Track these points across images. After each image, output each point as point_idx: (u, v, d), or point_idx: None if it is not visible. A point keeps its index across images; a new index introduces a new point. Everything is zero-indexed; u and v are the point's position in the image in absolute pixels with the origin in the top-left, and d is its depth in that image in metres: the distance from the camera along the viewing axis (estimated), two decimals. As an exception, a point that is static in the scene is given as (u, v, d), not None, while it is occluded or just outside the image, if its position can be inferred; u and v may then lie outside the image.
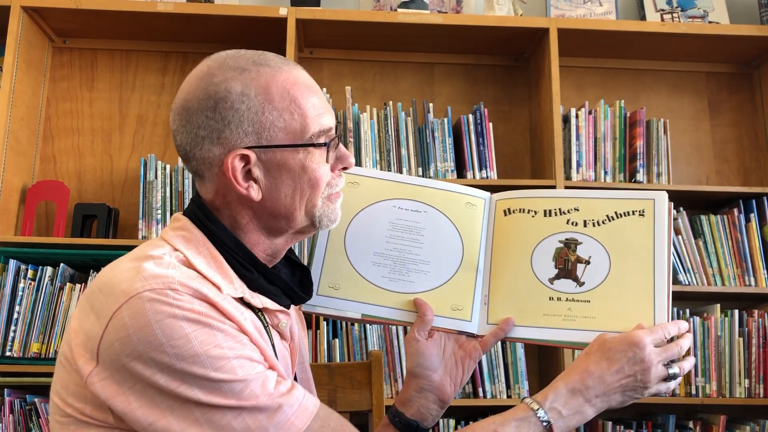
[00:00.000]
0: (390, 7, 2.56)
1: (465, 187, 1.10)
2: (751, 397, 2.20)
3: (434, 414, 1.01)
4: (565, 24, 2.37)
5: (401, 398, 1.01)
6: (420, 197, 1.09)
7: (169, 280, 0.82)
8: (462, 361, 1.01)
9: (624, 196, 1.05)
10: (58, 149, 2.46)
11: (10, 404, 2.02)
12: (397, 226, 1.07)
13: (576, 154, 2.34)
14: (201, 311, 0.81)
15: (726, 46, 2.50)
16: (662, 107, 2.62)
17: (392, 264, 1.05)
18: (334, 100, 2.44)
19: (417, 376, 1.00)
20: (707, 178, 2.59)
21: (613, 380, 0.90)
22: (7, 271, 2.09)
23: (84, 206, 2.28)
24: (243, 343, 0.84)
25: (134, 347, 0.79)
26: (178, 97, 0.93)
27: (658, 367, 0.91)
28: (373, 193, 1.09)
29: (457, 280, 1.04)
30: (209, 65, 0.92)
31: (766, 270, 2.28)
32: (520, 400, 0.93)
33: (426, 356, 0.99)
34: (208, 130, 0.89)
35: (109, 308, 0.81)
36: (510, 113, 2.59)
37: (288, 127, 0.90)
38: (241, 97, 0.88)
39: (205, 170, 0.91)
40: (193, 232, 0.91)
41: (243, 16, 2.30)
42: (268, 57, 0.94)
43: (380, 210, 1.08)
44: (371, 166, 2.28)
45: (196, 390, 0.80)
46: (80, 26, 2.42)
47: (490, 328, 1.02)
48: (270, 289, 0.93)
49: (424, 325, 1.00)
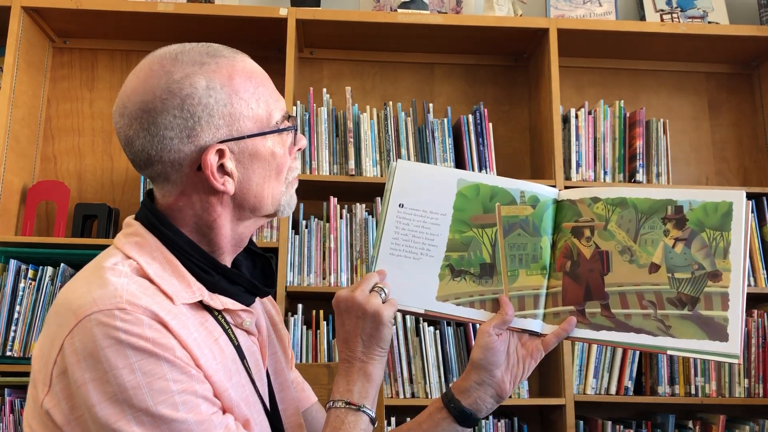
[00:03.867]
0: (390, 7, 2.56)
1: (533, 184, 1.08)
2: (750, 396, 2.20)
3: (489, 407, 1.01)
4: (564, 24, 2.37)
5: (460, 386, 1.01)
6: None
7: (117, 300, 0.79)
8: (523, 359, 1.02)
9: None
10: (59, 149, 2.46)
11: (10, 404, 2.03)
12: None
13: (576, 154, 2.34)
14: (149, 337, 0.79)
15: (726, 46, 2.50)
16: (662, 107, 2.62)
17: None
18: (334, 100, 2.44)
19: (481, 369, 1.00)
20: (707, 178, 2.59)
21: (347, 332, 0.98)
22: (8, 271, 2.09)
23: (84, 206, 2.29)
24: (191, 375, 0.81)
25: (82, 374, 0.78)
26: (128, 100, 0.88)
27: (362, 299, 0.97)
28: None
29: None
30: (160, 63, 0.88)
31: (765, 270, 2.28)
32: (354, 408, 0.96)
33: (494, 351, 0.99)
34: (177, 130, 0.86)
35: (61, 331, 0.80)
36: (510, 113, 2.59)
37: (256, 116, 0.90)
38: (208, 91, 0.87)
39: (172, 172, 0.88)
40: (146, 238, 0.89)
41: (243, 17, 2.31)
42: (218, 48, 0.92)
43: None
44: (371, 166, 2.28)
45: (134, 426, 0.77)
46: (80, 26, 2.42)
47: (552, 327, 1.02)
48: (232, 290, 0.92)
49: (502, 323, 1.00)
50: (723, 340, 0.94)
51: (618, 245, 1.02)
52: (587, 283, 1.02)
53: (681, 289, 0.98)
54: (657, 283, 0.99)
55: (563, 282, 1.03)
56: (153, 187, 0.93)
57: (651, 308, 0.98)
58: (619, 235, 1.02)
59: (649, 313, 0.98)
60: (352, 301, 0.98)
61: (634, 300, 0.99)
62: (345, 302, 0.98)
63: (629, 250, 1.01)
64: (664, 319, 0.97)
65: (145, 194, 0.96)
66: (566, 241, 1.04)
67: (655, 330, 0.97)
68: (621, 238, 1.02)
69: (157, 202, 0.93)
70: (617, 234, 1.02)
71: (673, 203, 1.01)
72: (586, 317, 1.00)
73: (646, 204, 1.02)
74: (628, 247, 1.01)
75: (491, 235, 1.05)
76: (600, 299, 1.00)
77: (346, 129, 2.29)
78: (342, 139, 2.31)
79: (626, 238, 1.02)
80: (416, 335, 2.17)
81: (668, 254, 1.00)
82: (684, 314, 0.97)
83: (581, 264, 1.02)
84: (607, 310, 1.00)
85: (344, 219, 2.24)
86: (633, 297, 0.99)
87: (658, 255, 1.00)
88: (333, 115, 2.32)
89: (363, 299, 0.97)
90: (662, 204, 1.02)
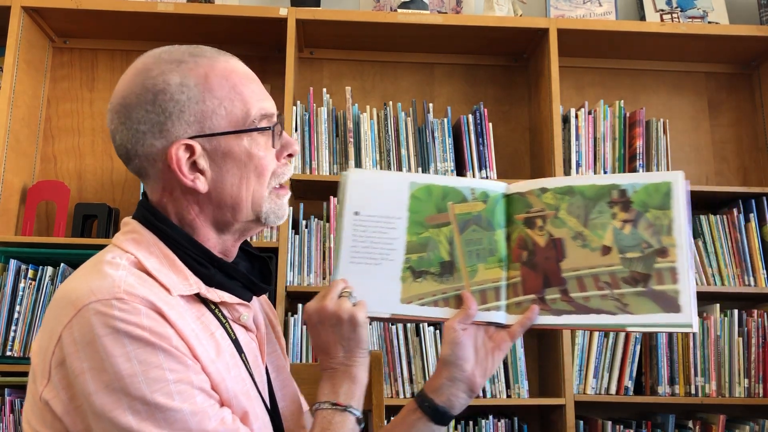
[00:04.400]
0: (390, 7, 2.56)
1: (481, 181, 1.11)
2: (750, 396, 2.20)
3: (462, 402, 1.02)
4: (564, 24, 2.37)
5: (432, 385, 1.02)
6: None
7: (115, 290, 0.80)
8: (492, 351, 1.03)
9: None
10: (59, 149, 2.46)
11: (10, 404, 2.03)
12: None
13: (576, 154, 2.34)
14: (146, 326, 0.79)
15: (726, 46, 2.50)
16: (662, 107, 2.62)
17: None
18: (334, 100, 2.44)
19: (451, 365, 1.01)
20: (707, 178, 2.59)
21: (325, 341, 0.99)
22: (8, 271, 2.09)
23: (84, 206, 2.29)
24: (187, 365, 0.81)
25: (80, 363, 0.78)
26: (114, 96, 0.91)
27: (333, 307, 0.98)
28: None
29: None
30: (144, 62, 0.91)
31: (765, 270, 2.28)
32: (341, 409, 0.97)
33: (462, 346, 1.00)
34: (149, 125, 0.88)
35: (59, 323, 0.80)
36: (510, 113, 2.59)
37: (230, 115, 0.90)
38: (181, 88, 0.88)
39: (148, 167, 0.90)
40: (143, 234, 0.90)
41: (243, 17, 2.31)
42: (204, 49, 0.93)
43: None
44: (371, 167, 2.28)
45: (129, 416, 0.77)
46: (80, 26, 2.42)
47: (516, 317, 1.03)
48: (229, 284, 0.92)
49: (466, 318, 1.01)
50: (676, 311, 0.99)
51: (570, 232, 1.05)
52: (544, 270, 1.04)
53: (633, 268, 1.02)
54: (610, 264, 1.03)
55: (521, 272, 1.05)
56: (143, 184, 0.95)
57: (607, 289, 1.02)
58: (570, 222, 1.05)
59: (606, 294, 1.01)
60: (324, 311, 0.99)
61: (591, 282, 1.02)
62: (317, 313, 0.99)
63: (581, 235, 1.05)
64: (621, 297, 1.01)
65: (142, 193, 0.96)
66: (520, 232, 1.07)
67: (614, 309, 1.01)
68: (572, 225, 1.05)
69: (150, 198, 0.94)
70: (568, 221, 1.06)
71: (617, 187, 1.05)
72: (547, 304, 1.03)
73: (592, 190, 1.06)
74: (580, 233, 1.05)
75: (447, 233, 1.07)
76: (558, 285, 1.03)
77: (346, 129, 2.29)
78: (342, 139, 2.31)
79: (577, 224, 1.05)
80: (416, 335, 2.17)
81: (618, 236, 1.04)
82: (639, 291, 1.01)
83: (537, 253, 1.05)
84: (566, 294, 1.03)
85: (344, 219, 2.24)
86: (589, 280, 1.03)
87: (608, 237, 1.04)
88: (333, 115, 2.32)
89: (334, 306, 0.98)
90: (607, 189, 1.06)
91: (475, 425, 2.17)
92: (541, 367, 2.36)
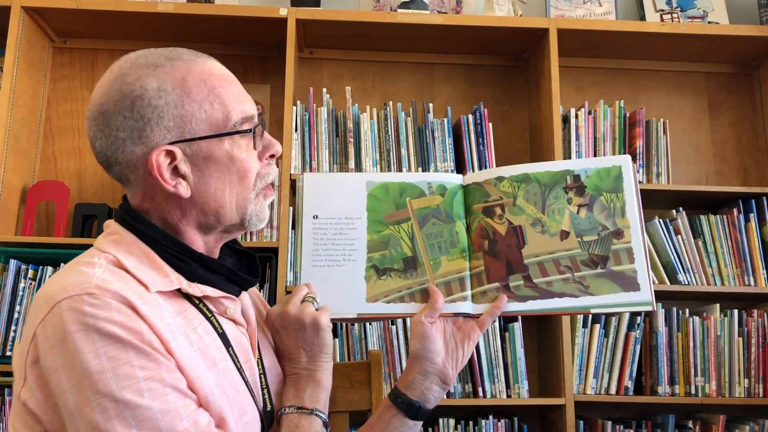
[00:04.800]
0: (390, 7, 2.56)
1: (437, 174, 1.13)
2: (750, 396, 2.20)
3: (436, 396, 1.02)
4: (564, 24, 2.37)
5: (404, 381, 1.02)
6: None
7: (86, 285, 0.79)
8: (462, 342, 1.03)
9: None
10: (59, 149, 2.46)
11: (10, 404, 2.03)
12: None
13: (576, 154, 2.34)
14: (116, 321, 0.78)
15: (726, 46, 2.50)
16: (662, 107, 2.62)
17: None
18: (334, 100, 2.44)
19: (421, 359, 1.01)
20: (707, 178, 2.59)
21: (288, 346, 1.00)
22: (8, 271, 2.09)
23: (84, 206, 2.29)
24: (159, 362, 0.80)
25: (53, 361, 0.78)
26: (91, 102, 0.91)
27: (295, 311, 0.98)
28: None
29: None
30: (120, 66, 0.90)
31: (765, 270, 2.28)
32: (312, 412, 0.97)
33: (430, 339, 1.01)
34: (128, 131, 0.87)
35: (35, 323, 0.80)
36: (510, 113, 2.59)
37: (210, 118, 0.89)
38: (159, 93, 0.87)
39: (129, 174, 0.90)
40: (123, 235, 0.90)
41: (243, 17, 2.31)
42: (180, 51, 0.92)
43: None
44: (371, 166, 2.28)
45: (97, 413, 0.76)
46: (80, 26, 2.42)
47: (482, 306, 1.04)
48: (211, 278, 0.92)
49: (433, 311, 1.02)
50: (635, 289, 1.03)
51: (529, 218, 1.08)
52: (507, 258, 1.06)
53: (591, 250, 1.05)
54: (569, 249, 1.06)
55: (484, 261, 1.07)
56: (124, 189, 0.94)
57: (568, 272, 1.05)
58: (528, 209, 1.08)
59: (567, 277, 1.05)
60: (286, 315, 0.99)
61: (552, 267, 1.05)
62: (279, 318, 0.99)
63: (539, 221, 1.07)
64: (582, 280, 1.04)
65: (122, 197, 0.96)
66: (480, 221, 1.08)
67: (576, 292, 1.04)
68: (530, 212, 1.08)
69: (131, 203, 0.94)
70: (526, 208, 1.08)
71: (571, 173, 1.09)
72: (512, 291, 1.05)
73: (547, 176, 1.09)
74: (539, 219, 1.07)
75: (408, 229, 1.09)
76: (521, 272, 1.06)
77: (346, 129, 2.29)
78: (342, 139, 2.31)
79: (535, 211, 1.08)
80: (416, 335, 2.17)
81: (575, 220, 1.07)
82: (598, 272, 1.04)
83: (498, 241, 1.07)
84: (529, 281, 1.05)
85: (344, 219, 2.24)
86: (551, 265, 1.05)
87: (566, 222, 1.07)
88: (333, 115, 2.32)
89: (297, 311, 0.98)
90: (561, 175, 1.09)
91: (475, 425, 2.17)
92: (541, 367, 2.36)
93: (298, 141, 2.28)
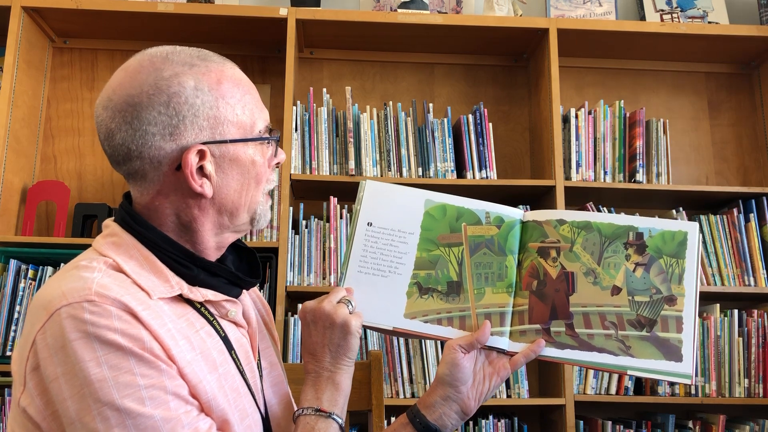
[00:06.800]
0: (390, 7, 2.56)
1: (498, 205, 1.10)
2: (750, 396, 2.20)
3: (454, 423, 1.01)
4: (564, 24, 2.37)
5: (425, 402, 1.01)
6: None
7: (86, 292, 0.79)
8: (489, 377, 1.02)
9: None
10: (59, 149, 2.46)
11: (10, 404, 2.03)
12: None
13: (576, 154, 2.34)
14: (117, 328, 0.78)
15: (725, 46, 2.50)
16: (662, 107, 2.62)
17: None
18: (334, 100, 2.44)
19: (446, 385, 1.00)
20: (707, 178, 2.59)
21: (314, 342, 0.98)
22: (8, 271, 2.09)
23: (84, 206, 2.29)
24: (160, 370, 0.79)
25: (54, 369, 0.77)
26: (113, 93, 0.88)
27: (329, 309, 0.98)
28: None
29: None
30: (151, 60, 0.89)
31: (765, 270, 2.28)
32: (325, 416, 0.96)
33: (460, 368, 0.99)
34: (160, 126, 0.86)
35: (33, 329, 0.80)
36: (510, 113, 2.59)
37: (239, 122, 0.91)
38: (196, 92, 0.87)
39: (150, 170, 0.89)
40: (123, 237, 0.89)
41: (243, 17, 2.31)
42: (208, 53, 0.93)
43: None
44: (371, 166, 2.28)
45: (98, 422, 0.76)
46: (80, 26, 2.42)
47: (518, 345, 1.03)
48: (213, 282, 0.92)
49: (471, 345, 1.01)
50: (678, 360, 1.00)
51: (583, 267, 1.06)
52: (553, 302, 1.04)
53: (640, 312, 1.03)
54: (618, 305, 1.03)
55: (530, 300, 1.05)
56: (130, 186, 0.93)
57: (612, 329, 1.03)
58: (584, 257, 1.06)
59: (610, 334, 1.02)
60: (320, 311, 0.99)
61: (597, 320, 1.03)
62: (312, 313, 0.99)
63: (593, 272, 1.05)
64: (625, 339, 1.02)
65: (123, 196, 0.96)
66: (532, 260, 1.07)
67: (616, 350, 1.02)
68: (586, 260, 1.06)
69: (135, 202, 0.93)
70: (582, 256, 1.06)
71: (635, 229, 1.06)
72: (551, 336, 1.03)
73: (610, 229, 1.07)
74: (592, 269, 1.05)
75: (458, 254, 1.08)
76: (565, 318, 1.04)
77: (346, 129, 2.29)
78: (342, 139, 2.31)
79: (590, 261, 1.06)
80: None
81: (629, 278, 1.05)
82: (643, 335, 1.02)
83: (548, 283, 1.05)
84: (571, 329, 1.03)
85: (344, 219, 2.24)
86: (596, 317, 1.03)
87: (620, 278, 1.05)
88: (333, 115, 2.32)
89: (331, 309, 0.98)
90: (624, 230, 1.07)
91: (475, 425, 2.17)
92: (541, 367, 2.36)
93: (298, 141, 2.28)
